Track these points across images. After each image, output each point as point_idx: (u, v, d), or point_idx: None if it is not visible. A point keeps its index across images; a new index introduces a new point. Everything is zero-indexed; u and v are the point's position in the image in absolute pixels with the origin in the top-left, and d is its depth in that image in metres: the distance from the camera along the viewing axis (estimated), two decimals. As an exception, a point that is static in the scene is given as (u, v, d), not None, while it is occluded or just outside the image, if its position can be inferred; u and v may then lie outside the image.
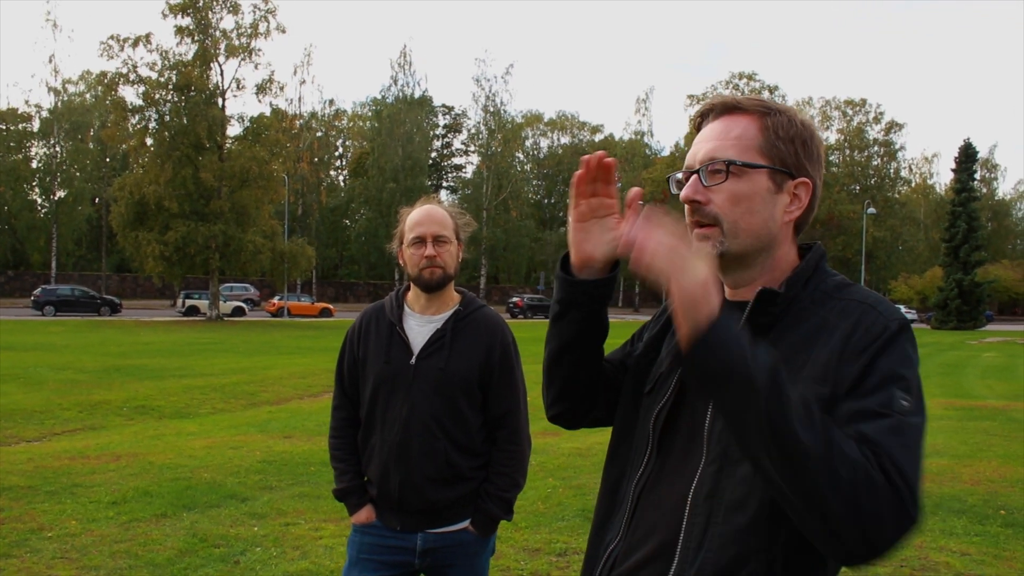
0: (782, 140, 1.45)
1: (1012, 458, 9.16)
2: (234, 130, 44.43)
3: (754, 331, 1.41)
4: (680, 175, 1.49)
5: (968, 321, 54.88)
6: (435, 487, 2.78)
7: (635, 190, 1.44)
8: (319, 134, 70.16)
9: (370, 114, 76.21)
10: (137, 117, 41.38)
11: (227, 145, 42.55)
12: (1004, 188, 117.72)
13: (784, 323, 1.43)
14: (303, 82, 75.93)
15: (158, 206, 38.95)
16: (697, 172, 1.46)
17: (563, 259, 1.60)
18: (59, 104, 61.09)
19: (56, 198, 61.02)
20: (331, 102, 74.12)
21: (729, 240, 1.44)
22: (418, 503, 2.79)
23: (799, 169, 1.47)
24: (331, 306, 53.17)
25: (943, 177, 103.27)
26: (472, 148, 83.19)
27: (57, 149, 62.04)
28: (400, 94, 68.73)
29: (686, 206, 1.47)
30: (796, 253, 1.52)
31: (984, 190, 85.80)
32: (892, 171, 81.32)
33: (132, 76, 40.65)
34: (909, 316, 64.74)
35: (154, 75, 40.66)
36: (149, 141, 41.50)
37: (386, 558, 2.85)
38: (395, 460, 2.78)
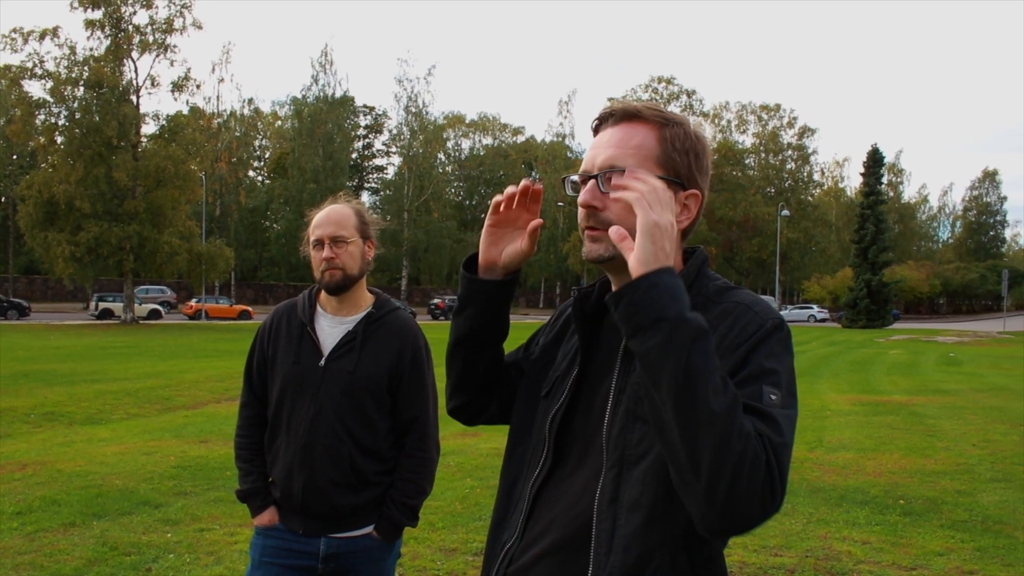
0: (678, 152, 1.50)
1: (912, 450, 9.57)
2: (149, 128, 43.34)
3: None
4: (575, 178, 1.53)
5: (876, 320, 56.70)
6: (339, 491, 2.72)
7: (537, 221, 1.58)
8: (238, 133, 68.65)
9: (290, 114, 75.05)
10: (44, 113, 39.99)
11: (142, 143, 41.40)
12: (909, 192, 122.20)
13: None
14: (221, 80, 74.64)
15: (69, 206, 37.73)
16: (595, 178, 1.49)
17: (469, 258, 1.69)
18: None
19: (-42, 197, 58.61)
20: (250, 101, 72.70)
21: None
22: (321, 507, 2.74)
23: (691, 181, 1.51)
24: (250, 308, 52.18)
25: (853, 181, 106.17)
26: (394, 149, 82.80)
27: (-43, 146, 59.54)
28: (321, 94, 67.83)
29: (582, 210, 1.51)
30: (681, 259, 1.57)
31: (891, 193, 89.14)
32: (805, 174, 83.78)
33: (38, 71, 39.30)
34: (821, 315, 65.74)
35: (62, 70, 39.35)
36: (59, 139, 40.13)
37: (289, 561, 2.79)
38: (299, 463, 2.73)
